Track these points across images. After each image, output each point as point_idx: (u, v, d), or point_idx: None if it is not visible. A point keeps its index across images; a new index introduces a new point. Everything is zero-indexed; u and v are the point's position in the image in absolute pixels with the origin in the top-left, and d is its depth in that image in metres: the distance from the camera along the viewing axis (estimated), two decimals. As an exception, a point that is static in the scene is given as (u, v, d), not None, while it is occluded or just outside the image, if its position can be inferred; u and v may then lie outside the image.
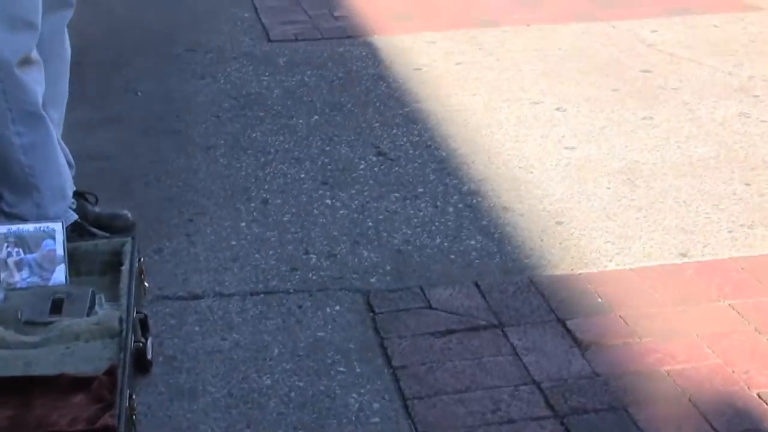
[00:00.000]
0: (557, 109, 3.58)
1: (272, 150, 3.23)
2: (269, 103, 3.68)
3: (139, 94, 3.85)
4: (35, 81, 2.32)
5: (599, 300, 2.33)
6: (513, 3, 5.05)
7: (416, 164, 3.10)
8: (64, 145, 2.54)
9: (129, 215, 2.68)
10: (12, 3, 2.20)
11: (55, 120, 2.49)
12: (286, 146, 3.26)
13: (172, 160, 3.18)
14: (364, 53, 4.22)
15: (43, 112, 2.34)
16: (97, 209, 2.65)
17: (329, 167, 3.09)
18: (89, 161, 3.03)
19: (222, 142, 3.32)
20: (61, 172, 2.43)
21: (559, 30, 4.54)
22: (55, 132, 2.45)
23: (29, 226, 2.23)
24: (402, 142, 3.27)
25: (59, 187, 2.42)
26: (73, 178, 2.54)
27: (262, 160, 3.15)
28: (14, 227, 2.23)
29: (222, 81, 3.94)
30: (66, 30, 2.56)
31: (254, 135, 3.37)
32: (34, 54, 2.30)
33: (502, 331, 2.21)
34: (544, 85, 3.83)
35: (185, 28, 4.77)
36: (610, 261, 2.53)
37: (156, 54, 4.35)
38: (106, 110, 3.66)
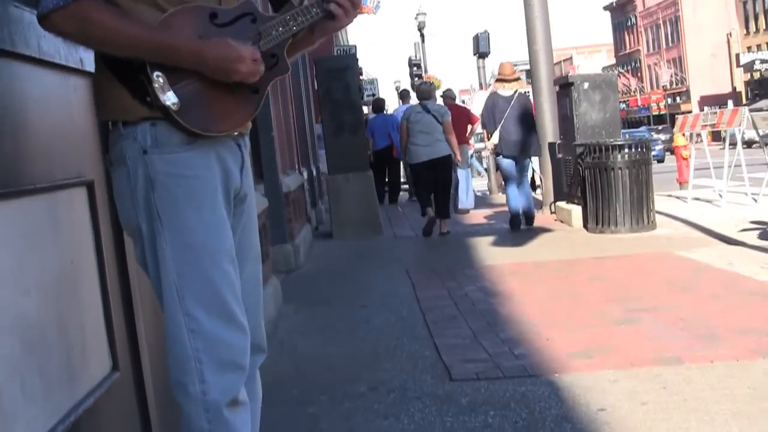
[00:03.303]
0: (752, 452, 3.44)
1: (458, 495, 3.20)
2: (453, 444, 3.68)
3: (325, 433, 3.92)
4: (242, 422, 2.41)
5: None
6: (693, 338, 5.01)
7: None
8: None
9: None
10: (221, 346, 2.34)
11: None
12: (473, 491, 3.22)
13: (358, 504, 3.18)
14: (546, 393, 4.21)
15: None
16: None
17: None
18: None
19: (408, 485, 3.31)
20: None
21: (745, 367, 4.43)
22: None
23: None
24: (591, 488, 3.19)
25: None
26: None
27: (449, 506, 3.11)
28: None
29: (405, 421, 3.98)
30: (258, 372, 2.67)
31: (439, 479, 3.35)
32: (242, 395, 2.41)
33: None
34: (735, 426, 3.69)
35: (367, 367, 4.90)
36: None
37: (340, 392, 4.46)
38: (292, 450, 3.73)
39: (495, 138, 11.22)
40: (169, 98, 2.26)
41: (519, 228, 11.13)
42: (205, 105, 2.33)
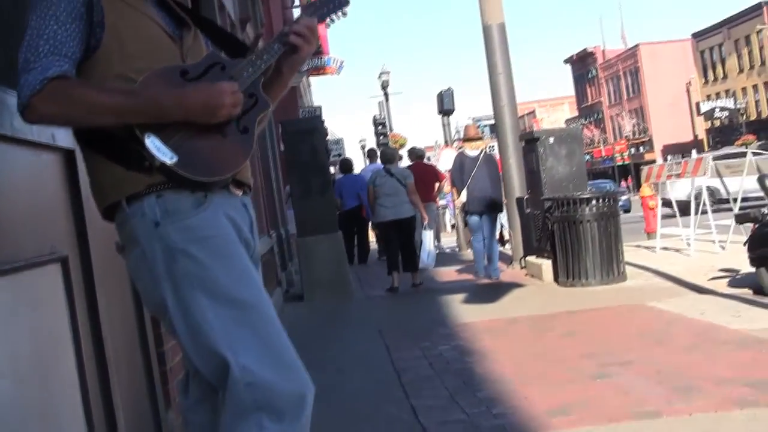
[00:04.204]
0: (736, 505, 3.43)
1: None
2: None
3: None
4: None
5: None
6: (671, 391, 5.01)
7: None
8: None
9: None
10: (276, 395, 2.32)
11: None
12: None
13: None
14: (527, 452, 4.19)
15: None
16: None
17: None
18: None
19: None
20: None
21: (723, 418, 4.43)
22: None
23: None
24: None
25: None
26: None
27: None
28: None
29: (387, 487, 3.94)
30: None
31: None
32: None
33: None
34: (717, 479, 3.69)
35: (346, 432, 4.85)
36: None
37: (319, 459, 4.40)
38: None
39: (463, 197, 11.80)
40: (166, 155, 2.25)
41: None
42: (202, 153, 2.33)
